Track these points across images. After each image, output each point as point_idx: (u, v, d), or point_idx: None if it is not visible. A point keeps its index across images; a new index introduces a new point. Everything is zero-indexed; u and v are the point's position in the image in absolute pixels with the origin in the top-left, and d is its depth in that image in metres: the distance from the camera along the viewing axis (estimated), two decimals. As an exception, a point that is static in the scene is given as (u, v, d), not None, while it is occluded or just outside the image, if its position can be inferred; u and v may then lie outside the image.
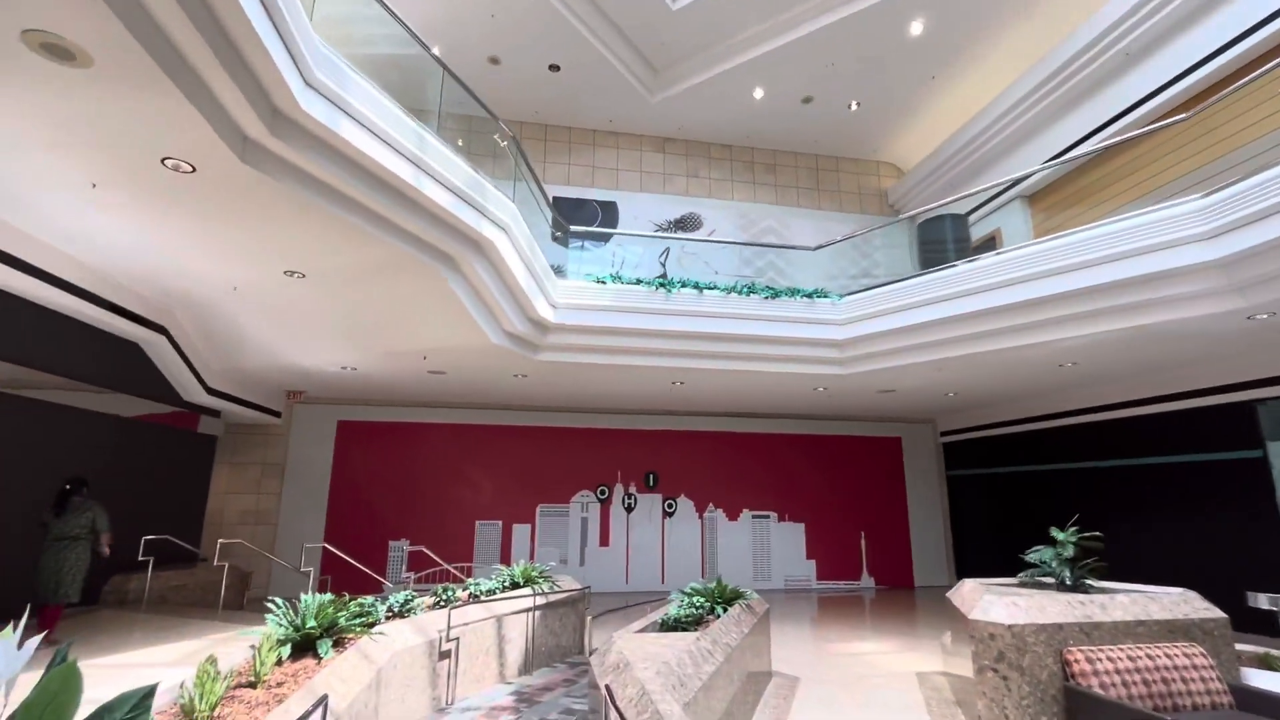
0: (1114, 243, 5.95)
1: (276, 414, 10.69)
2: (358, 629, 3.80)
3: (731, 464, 12.20)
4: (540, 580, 6.13)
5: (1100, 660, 3.95)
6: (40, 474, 6.67)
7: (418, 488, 11.08)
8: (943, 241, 7.71)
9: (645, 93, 11.55)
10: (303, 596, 3.89)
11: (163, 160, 4.13)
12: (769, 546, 11.98)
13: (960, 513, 12.85)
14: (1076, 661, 3.96)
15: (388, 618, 4.56)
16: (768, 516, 12.12)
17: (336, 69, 4.35)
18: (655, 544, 11.63)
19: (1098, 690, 3.84)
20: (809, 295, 8.15)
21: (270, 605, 3.82)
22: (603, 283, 7.70)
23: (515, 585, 6.05)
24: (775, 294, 8.06)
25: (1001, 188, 9.78)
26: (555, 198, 11.82)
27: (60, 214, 4.90)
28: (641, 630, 4.34)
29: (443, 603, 5.07)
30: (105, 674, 4.30)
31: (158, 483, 8.42)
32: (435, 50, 6.14)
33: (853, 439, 12.81)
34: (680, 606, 4.66)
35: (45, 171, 4.28)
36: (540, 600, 5.87)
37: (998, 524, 11.99)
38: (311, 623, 3.59)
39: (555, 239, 8.80)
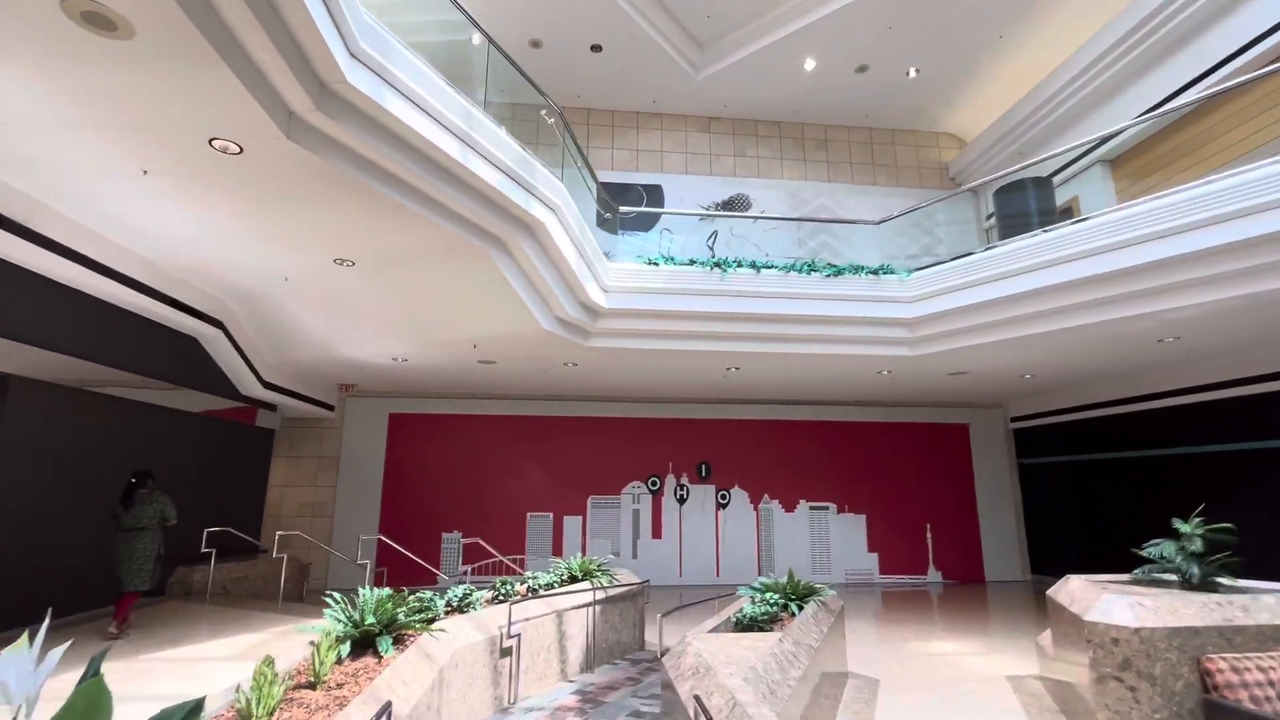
0: (1231, 199, 5.27)
1: (330, 407, 10.78)
2: (417, 625, 3.60)
3: (787, 453, 11.74)
4: (599, 574, 5.88)
5: (1249, 670, 3.43)
6: (109, 467, 6.79)
7: (469, 480, 11.04)
8: (1024, 209, 7.07)
9: (690, 69, 11.13)
10: (361, 590, 3.72)
11: (210, 141, 4.00)
12: (828, 539, 11.49)
13: (1034, 504, 12.07)
14: (1220, 671, 3.45)
15: (446, 613, 4.38)
16: (826, 508, 11.63)
17: (381, 39, 4.14)
18: (709, 536, 11.30)
19: (1248, 705, 3.33)
20: (874, 272, 7.64)
21: (329, 600, 3.66)
22: (655, 264, 7.38)
23: (573, 579, 5.82)
24: (838, 271, 7.58)
25: (1083, 149, 8.95)
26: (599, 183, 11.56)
27: (116, 204, 4.87)
28: (715, 630, 4.03)
29: (501, 597, 4.87)
30: (166, 668, 4.26)
31: (219, 476, 8.57)
32: (476, 38, 5.91)
33: (916, 426, 12.17)
34: (755, 604, 4.32)
35: (97, 157, 4.21)
36: (600, 595, 5.63)
37: (1076, 516, 11.20)
38: (371, 619, 3.41)
39: (602, 223, 8.52)
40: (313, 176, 4.38)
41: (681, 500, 11.38)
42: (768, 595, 4.63)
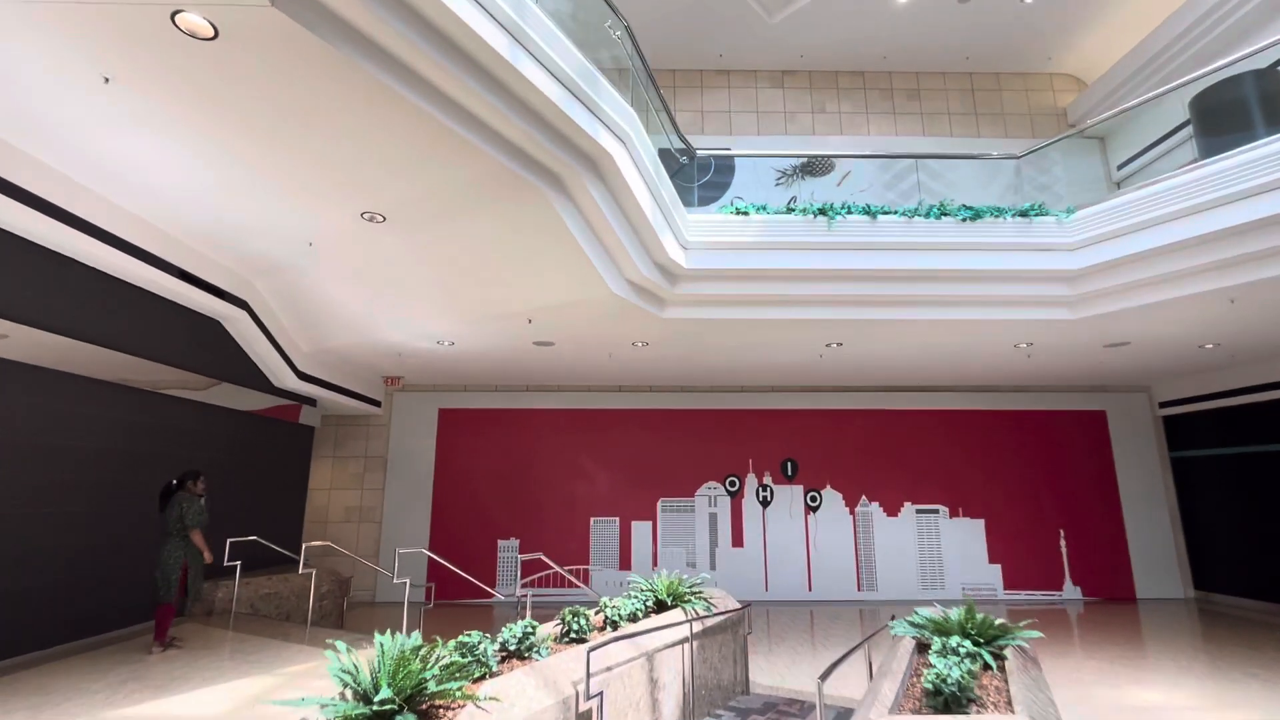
0: None
1: (376, 403, 9.91)
2: (457, 694, 2.38)
3: (886, 448, 10.13)
4: (693, 599, 4.57)
5: None
6: (134, 465, 5.96)
7: (525, 480, 9.95)
8: (1242, 114, 5.36)
9: (762, 12, 9.73)
10: (377, 639, 2.53)
11: (173, 17, 2.93)
12: (939, 547, 9.81)
13: (1192, 506, 10.02)
14: None
15: (500, 659, 3.17)
16: (936, 511, 9.95)
17: None
18: (798, 544, 9.81)
19: None
20: (1023, 214, 6.05)
21: (332, 654, 2.49)
22: (744, 213, 6.03)
23: (660, 605, 4.54)
24: (975, 214, 6.03)
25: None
26: (660, 150, 10.29)
27: (87, 136, 3.90)
28: (900, 706, 2.64)
29: (572, 634, 3.63)
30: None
31: (252, 478, 7.71)
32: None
33: (1042, 414, 10.32)
34: (946, 655, 2.91)
35: (46, 63, 3.21)
36: (697, 627, 4.32)
37: (1247, 520, 9.14)
38: (386, 689, 2.21)
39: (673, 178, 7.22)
40: (313, 73, 3.26)
41: (765, 503, 9.94)
42: (951, 641, 3.21)
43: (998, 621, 3.58)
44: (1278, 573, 8.78)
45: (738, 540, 9.81)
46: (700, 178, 7.73)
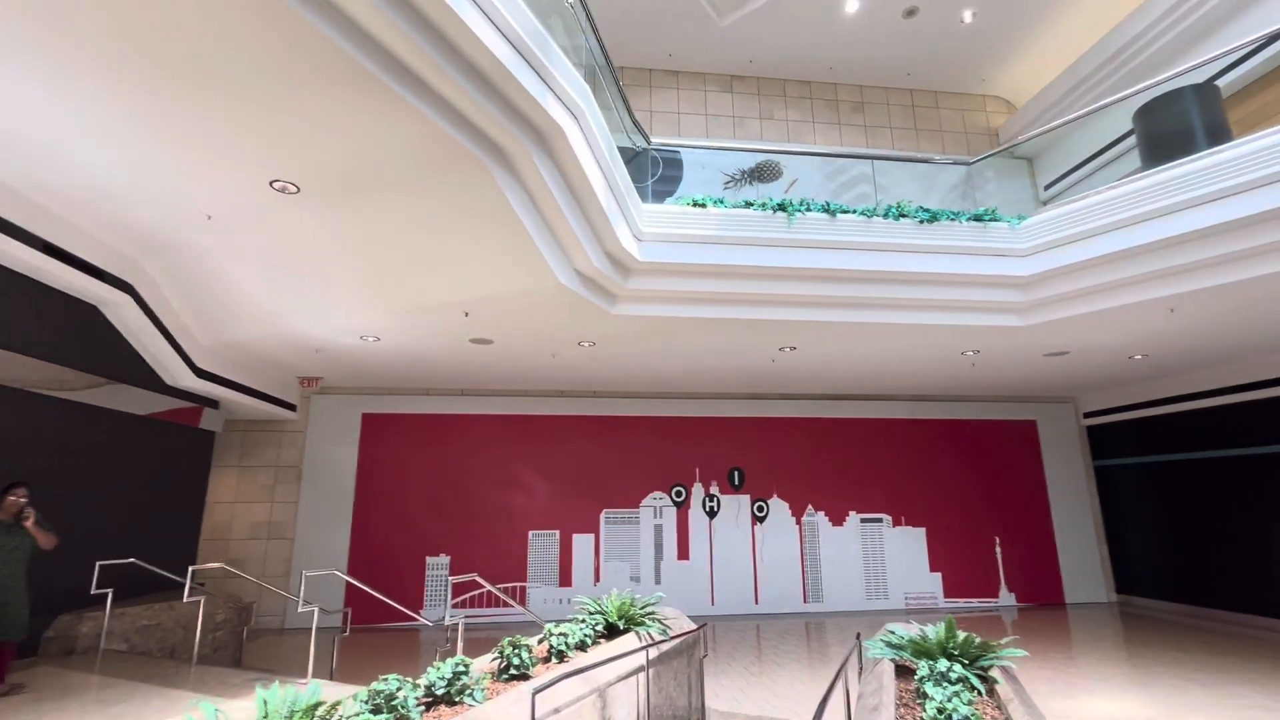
0: None
1: (291, 406, 8.97)
2: (365, 765, 1.84)
3: (833, 457, 10.05)
4: (646, 621, 4.13)
5: None
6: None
7: (459, 492, 9.23)
8: (1184, 126, 5.49)
9: (713, 13, 9.57)
10: (259, 696, 1.95)
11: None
12: (883, 557, 9.78)
13: (1114, 512, 10.45)
14: None
15: (428, 705, 2.63)
16: (880, 520, 9.92)
17: None
18: (745, 556, 9.54)
19: None
20: (977, 218, 6.02)
21: None
22: (702, 205, 5.71)
23: (611, 629, 4.07)
24: (932, 216, 5.95)
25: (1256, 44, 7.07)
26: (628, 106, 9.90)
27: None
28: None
29: (513, 670, 3.11)
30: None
31: (137, 491, 6.69)
32: None
33: (978, 423, 10.53)
34: (944, 693, 2.58)
35: None
36: (654, 653, 3.87)
37: (1164, 526, 9.59)
38: (264, 767, 1.65)
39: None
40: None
41: (712, 513, 9.63)
42: (940, 665, 2.90)
43: (978, 640, 3.33)
44: (1189, 575, 9.21)
45: (684, 553, 9.43)
46: (650, 174, 7.39)
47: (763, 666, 6.33)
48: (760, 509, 9.73)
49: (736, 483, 9.77)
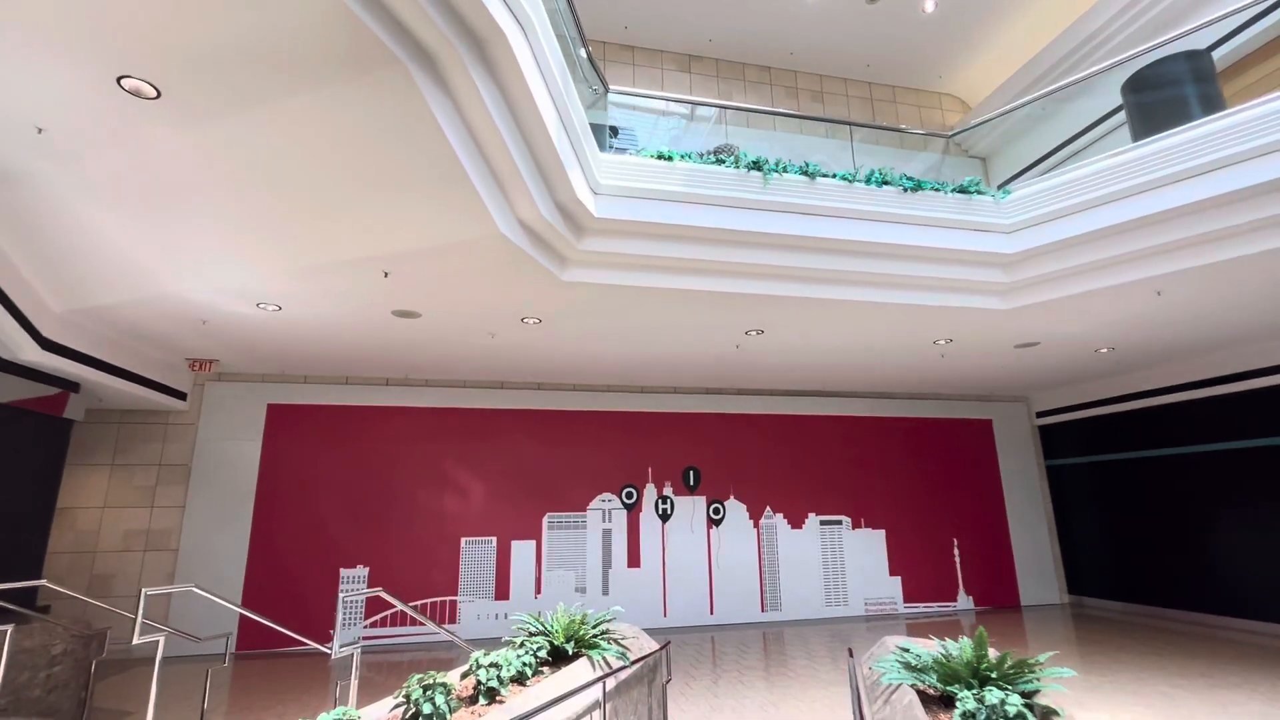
0: None
1: (180, 395, 7.67)
2: None
3: (793, 456, 9.52)
4: (601, 643, 3.32)
5: None
6: None
7: (382, 495, 8.13)
8: (1177, 95, 5.21)
9: (674, -20, 8.98)
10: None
11: None
12: (843, 561, 9.29)
13: (1065, 512, 10.37)
14: None
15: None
16: (839, 522, 9.44)
17: None
18: (700, 562, 8.84)
19: None
20: (962, 190, 5.57)
21: None
22: (668, 159, 5.00)
23: (558, 654, 3.24)
24: (918, 185, 5.46)
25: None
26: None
27: None
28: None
29: None
30: None
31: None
32: None
33: (935, 422, 10.25)
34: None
35: None
36: (611, 683, 3.08)
37: (1112, 525, 9.55)
38: None
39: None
40: None
41: (665, 516, 8.89)
42: (991, 695, 2.25)
43: (1013, 657, 2.70)
44: (1138, 574, 9.15)
45: (634, 560, 8.64)
46: (605, 146, 6.63)
47: (728, 687, 5.61)
48: (717, 511, 9.07)
49: (692, 483, 9.08)
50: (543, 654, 3.14)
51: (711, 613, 8.67)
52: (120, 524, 7.45)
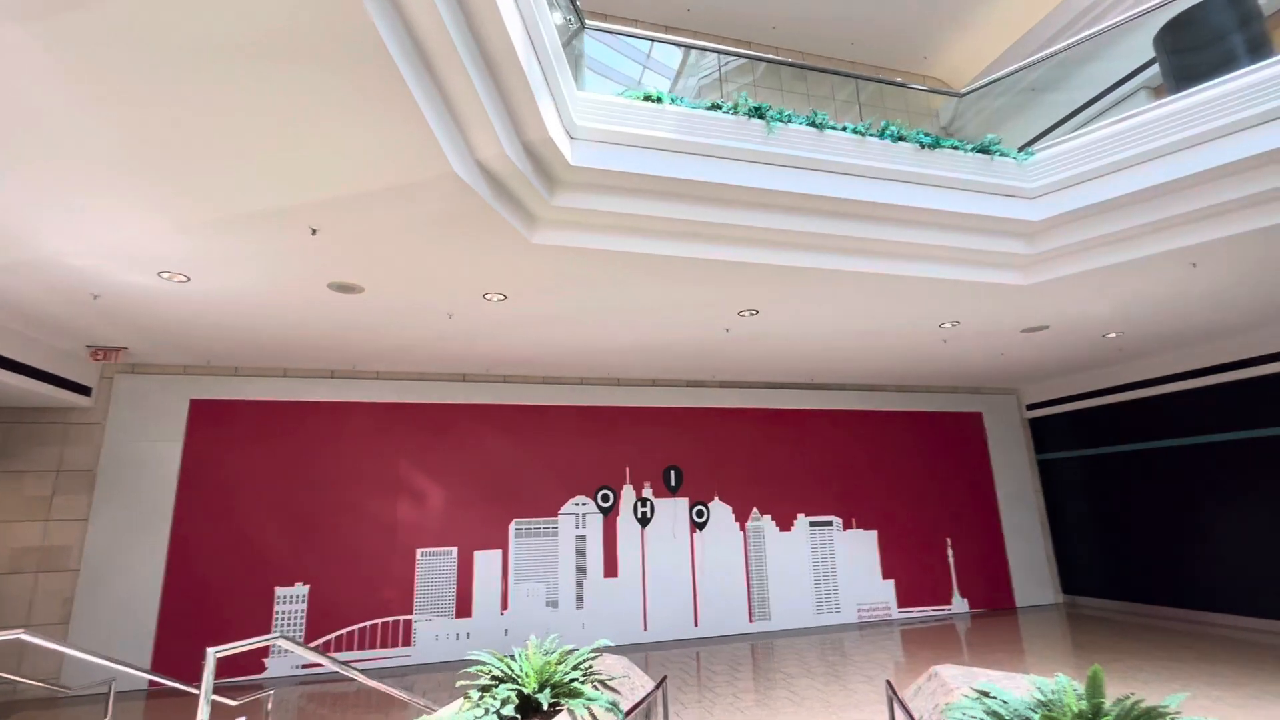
0: None
1: (85, 390, 6.61)
2: None
3: (780, 452, 8.88)
4: (586, 690, 2.55)
5: None
6: None
7: (324, 502, 7.18)
8: (1221, 40, 4.72)
9: (652, -60, 8.29)
10: None
11: None
12: (834, 565, 8.69)
13: (1058, 509, 9.99)
14: None
15: None
16: (830, 523, 8.84)
17: None
18: (683, 570, 8.12)
19: None
20: (982, 149, 4.99)
21: None
22: (656, 100, 4.27)
23: (529, 707, 2.46)
24: (936, 142, 4.85)
25: None
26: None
27: None
28: None
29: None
30: None
31: None
32: None
33: (927, 415, 9.76)
34: None
35: None
36: (599, 748, 2.31)
37: (1105, 521, 9.19)
38: None
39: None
40: None
41: (644, 520, 8.14)
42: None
43: (1140, 703, 2.03)
44: (1132, 572, 8.80)
45: (611, 569, 7.86)
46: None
47: (727, 716, 4.88)
48: (700, 514, 8.36)
49: (673, 484, 8.35)
50: (509, 710, 2.35)
51: (696, 624, 7.95)
52: (7, 541, 6.34)
